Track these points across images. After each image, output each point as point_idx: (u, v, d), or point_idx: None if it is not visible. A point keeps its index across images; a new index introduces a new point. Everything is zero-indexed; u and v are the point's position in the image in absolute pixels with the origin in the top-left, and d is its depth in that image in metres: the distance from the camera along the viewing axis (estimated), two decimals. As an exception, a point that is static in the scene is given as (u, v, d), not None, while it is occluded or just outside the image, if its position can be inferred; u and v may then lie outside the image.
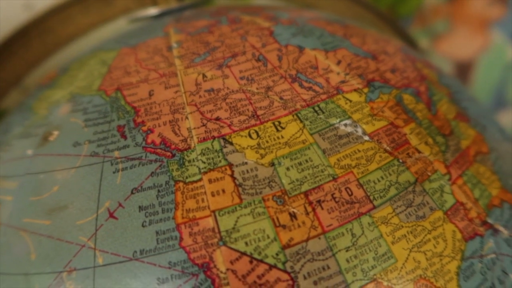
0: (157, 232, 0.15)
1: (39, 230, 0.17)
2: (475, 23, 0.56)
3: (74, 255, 0.16)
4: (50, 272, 0.16)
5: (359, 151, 0.17)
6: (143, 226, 0.16)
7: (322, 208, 0.16)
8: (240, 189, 0.16)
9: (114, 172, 0.17)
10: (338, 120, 0.18)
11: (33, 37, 0.26)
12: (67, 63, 0.25)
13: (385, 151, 0.18)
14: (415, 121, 0.19)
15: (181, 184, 0.16)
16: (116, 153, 0.17)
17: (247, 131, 0.17)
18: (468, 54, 0.55)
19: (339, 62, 0.20)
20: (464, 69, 0.55)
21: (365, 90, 0.19)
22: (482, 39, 0.55)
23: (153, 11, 0.28)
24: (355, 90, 0.19)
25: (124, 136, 0.18)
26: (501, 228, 0.18)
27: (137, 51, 0.22)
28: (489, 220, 0.18)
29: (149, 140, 0.17)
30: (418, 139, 0.19)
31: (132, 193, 0.16)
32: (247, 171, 0.16)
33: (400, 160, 0.18)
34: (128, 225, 0.16)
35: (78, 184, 0.17)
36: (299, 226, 0.15)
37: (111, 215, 0.16)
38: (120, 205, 0.16)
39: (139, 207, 0.16)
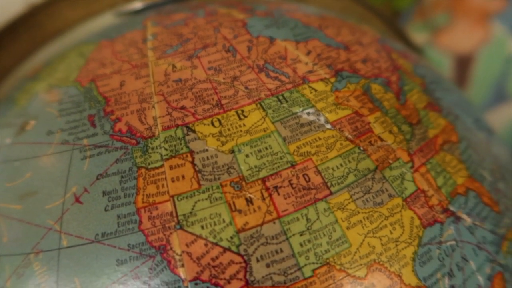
0: (118, 216, 0.16)
1: (11, 214, 0.17)
2: (476, 15, 0.55)
3: (41, 238, 0.16)
4: (19, 253, 0.17)
5: (319, 139, 0.18)
6: (105, 210, 0.16)
7: (279, 194, 0.16)
8: (199, 175, 0.16)
9: (82, 159, 0.18)
10: (301, 109, 0.18)
11: (22, 32, 0.27)
12: (52, 56, 0.26)
13: (347, 139, 0.18)
14: (380, 110, 0.19)
15: (143, 170, 0.17)
16: (85, 141, 0.18)
17: (210, 119, 0.18)
18: (468, 47, 0.54)
19: (309, 53, 0.21)
20: (464, 63, 0.54)
21: (332, 79, 0.20)
22: (483, 32, 0.54)
23: (138, 5, 0.29)
24: (321, 79, 0.19)
25: (93, 125, 0.18)
26: (464, 216, 0.18)
27: (114, 43, 0.22)
28: (451, 208, 0.18)
29: (116, 129, 0.18)
30: (382, 128, 0.19)
31: (97, 179, 0.17)
32: (207, 157, 0.17)
33: (361, 148, 0.18)
34: (92, 209, 0.16)
35: (49, 170, 0.18)
36: (254, 211, 0.16)
37: (77, 200, 0.17)
38: (85, 190, 0.17)
39: (103, 192, 0.17)
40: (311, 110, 0.18)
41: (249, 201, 0.16)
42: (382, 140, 0.18)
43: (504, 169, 0.22)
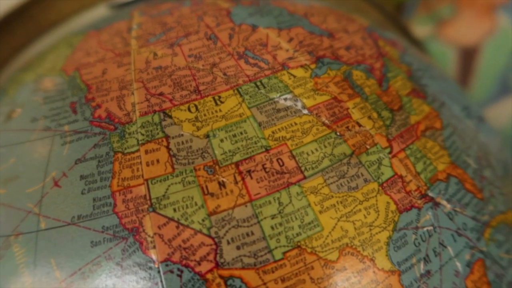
0: (94, 199, 0.16)
1: (-5, 199, 0.18)
2: (481, 7, 0.54)
3: (21, 221, 0.17)
4: (0, 236, 0.17)
5: (295, 124, 0.18)
6: (82, 193, 0.16)
7: (252, 178, 0.16)
8: (173, 159, 0.17)
9: (62, 145, 0.18)
10: (278, 95, 0.18)
11: (17, 25, 0.28)
12: (45, 48, 0.26)
13: (323, 124, 0.18)
14: (360, 96, 0.19)
15: (119, 155, 0.17)
16: (66, 127, 0.18)
17: (187, 105, 0.18)
18: (473, 39, 0.53)
19: (290, 40, 0.21)
20: (469, 55, 0.54)
21: (312, 66, 0.20)
22: (488, 24, 0.53)
23: (130, -3, 0.29)
24: (301, 66, 0.19)
25: (75, 112, 0.19)
26: (443, 202, 0.18)
27: (101, 33, 0.23)
28: (430, 194, 0.18)
29: (96, 115, 0.18)
30: (361, 114, 0.19)
31: (75, 163, 0.17)
32: (182, 142, 0.17)
33: (338, 133, 0.18)
34: (69, 193, 0.17)
35: (31, 156, 0.18)
36: (227, 194, 0.16)
37: (56, 184, 0.17)
38: (64, 174, 0.17)
39: (81, 176, 0.17)
40: (288, 96, 0.18)
41: (222, 184, 0.16)
42: (360, 125, 0.18)
43: (492, 157, 0.22)
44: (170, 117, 0.17)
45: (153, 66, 0.19)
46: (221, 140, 0.17)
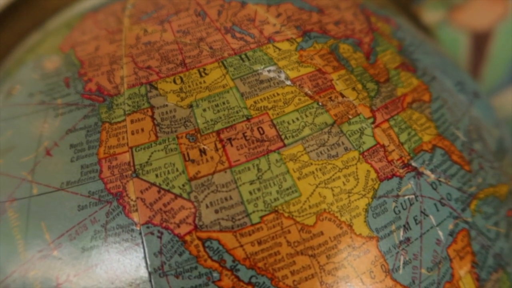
0: (82, 166, 0.17)
1: (-7, 168, 0.19)
2: (494, -10, 0.53)
3: (16, 187, 0.18)
4: (-3, 202, 0.18)
5: (277, 94, 0.18)
6: (71, 161, 0.17)
7: (232, 145, 0.17)
8: (157, 128, 0.17)
9: (55, 117, 0.19)
10: (262, 67, 0.19)
11: (22, 11, 0.29)
12: (47, 31, 0.27)
13: (306, 94, 0.18)
14: (346, 68, 0.19)
15: (107, 125, 0.18)
16: (59, 101, 0.19)
17: (172, 77, 0.18)
18: (486, 24, 0.52)
19: (279, 15, 0.21)
20: (481, 40, 0.52)
21: (299, 39, 0.20)
22: (501, 8, 0.52)
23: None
24: (287, 39, 0.20)
25: (68, 86, 0.19)
26: (427, 172, 0.18)
27: (97, 14, 0.23)
28: (413, 163, 0.18)
29: (87, 88, 0.19)
30: (345, 85, 0.19)
31: (66, 133, 0.18)
32: (166, 112, 0.17)
33: (320, 103, 0.18)
34: (60, 161, 0.17)
35: (26, 128, 0.19)
36: (207, 161, 0.16)
37: (48, 153, 0.18)
38: (55, 144, 0.18)
39: (70, 145, 0.18)
40: (272, 68, 0.19)
41: (203, 151, 0.17)
42: (343, 96, 0.18)
43: (485, 132, 0.22)
44: (156, 88, 0.18)
45: (143, 42, 0.20)
46: (204, 110, 0.17)
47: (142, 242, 0.15)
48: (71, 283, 0.16)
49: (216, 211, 0.16)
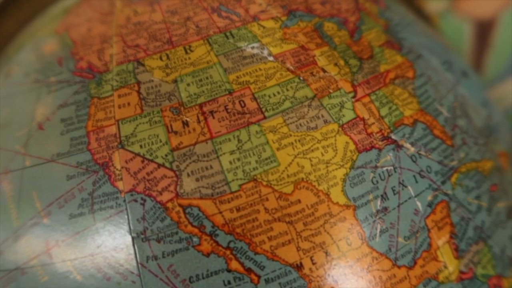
0: (71, 139, 0.18)
1: (-10, 143, 0.20)
2: (498, -22, 0.52)
3: (10, 160, 0.19)
4: (-7, 174, 0.19)
5: (260, 69, 0.18)
6: (61, 134, 0.18)
7: (214, 118, 0.17)
8: (143, 102, 0.18)
9: (48, 93, 0.19)
10: (246, 44, 0.19)
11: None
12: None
13: (288, 69, 0.18)
14: (329, 45, 0.20)
15: (95, 100, 0.18)
16: (53, 79, 0.20)
17: (159, 54, 0.19)
18: (489, 12, 0.52)
19: (265, -5, 0.21)
20: (484, 28, 0.52)
21: (284, 18, 0.20)
22: (505, -5, 0.51)
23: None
24: (272, 18, 0.20)
25: (61, 65, 0.20)
26: (407, 145, 0.18)
27: (92, -2, 0.24)
28: (393, 136, 0.18)
29: (78, 66, 0.20)
30: (328, 61, 0.19)
31: (58, 109, 0.19)
32: (152, 87, 0.18)
33: (301, 78, 0.18)
34: (51, 134, 0.18)
35: (21, 105, 0.20)
36: (189, 132, 0.17)
37: (40, 127, 0.19)
38: (47, 119, 0.19)
39: (61, 119, 0.18)
40: (256, 45, 0.19)
41: (185, 123, 0.17)
42: (325, 71, 0.19)
43: (471, 109, 0.22)
44: (143, 65, 0.19)
45: (133, 22, 0.21)
46: (188, 84, 0.18)
47: (126, 209, 0.16)
48: (59, 247, 0.17)
49: (197, 180, 0.16)
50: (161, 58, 0.19)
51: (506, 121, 0.26)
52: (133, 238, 0.16)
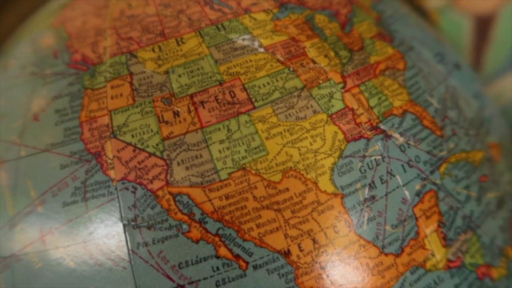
0: (65, 129, 0.18)
1: (-13, 135, 0.20)
2: (498, -28, 0.52)
3: (6, 150, 0.19)
4: (-10, 165, 0.19)
5: (250, 61, 0.19)
6: (56, 125, 0.18)
7: (204, 108, 0.17)
8: (135, 92, 0.18)
9: (43, 85, 0.20)
10: (237, 35, 0.19)
11: (23, -6, 0.30)
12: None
13: (278, 61, 0.19)
14: (319, 37, 0.20)
15: (89, 91, 0.19)
16: (48, 71, 0.20)
17: (151, 46, 0.19)
18: (489, 8, 0.52)
19: (258, -12, 0.22)
20: (484, 24, 0.52)
21: (275, 10, 0.20)
22: (505, -10, 0.51)
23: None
24: (264, 10, 0.20)
25: (56, 57, 0.21)
26: (395, 135, 0.18)
27: (88, -8, 0.25)
28: (382, 126, 0.18)
29: (73, 58, 0.20)
30: (318, 52, 0.19)
31: (52, 100, 0.19)
32: (144, 78, 0.18)
33: (291, 69, 0.18)
34: (45, 125, 0.19)
35: (17, 97, 0.20)
36: (180, 122, 0.17)
37: (35, 118, 0.19)
38: (42, 110, 0.19)
39: (55, 110, 0.19)
40: (246, 36, 0.19)
41: (176, 113, 0.17)
42: (315, 62, 0.19)
43: (462, 100, 0.22)
44: (136, 57, 0.19)
45: (127, 15, 0.21)
46: (179, 76, 0.18)
47: (118, 197, 0.16)
48: (53, 235, 0.17)
49: (187, 168, 0.17)
50: (153, 50, 0.19)
51: (500, 113, 0.26)
52: (124, 226, 0.16)
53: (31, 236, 0.17)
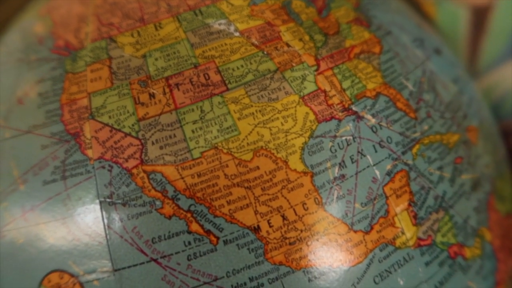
0: (46, 111, 0.19)
1: (-24, 119, 0.21)
2: (495, -38, 0.52)
3: (-8, 133, 0.20)
4: (-23, 147, 0.20)
5: (225, 44, 0.19)
6: (38, 107, 0.19)
7: (179, 90, 0.18)
8: (113, 76, 0.19)
9: (28, 71, 0.20)
10: (213, 20, 0.20)
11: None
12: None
13: (252, 44, 0.19)
14: (295, 21, 0.20)
15: (70, 75, 0.19)
16: (33, 57, 0.21)
17: (131, 31, 0.20)
18: (486, -3, 0.51)
19: (237, -25, 0.22)
20: (481, 14, 0.52)
21: (253, -4, 0.21)
22: (501, -21, 0.51)
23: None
24: (241, -4, 0.21)
25: (41, 44, 0.21)
26: (368, 116, 0.19)
27: (75, -18, 0.25)
28: (354, 108, 0.19)
29: (56, 44, 0.21)
30: (293, 36, 0.20)
31: (36, 84, 0.20)
32: (122, 62, 0.19)
33: (265, 52, 0.19)
34: (29, 107, 0.19)
35: (4, 82, 0.21)
36: (155, 103, 0.18)
37: (19, 102, 0.20)
38: (26, 94, 0.20)
39: (38, 93, 0.19)
40: (223, 21, 0.20)
41: (152, 95, 0.18)
42: (289, 46, 0.19)
43: (439, 84, 0.22)
44: (115, 42, 0.20)
45: (109, 2, 0.21)
46: (156, 59, 0.19)
47: (95, 175, 0.17)
48: (33, 212, 0.18)
49: (161, 147, 0.17)
50: (132, 35, 0.20)
51: (482, 98, 0.26)
52: (100, 202, 0.17)
53: (14, 213, 0.18)
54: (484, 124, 0.24)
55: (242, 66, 0.19)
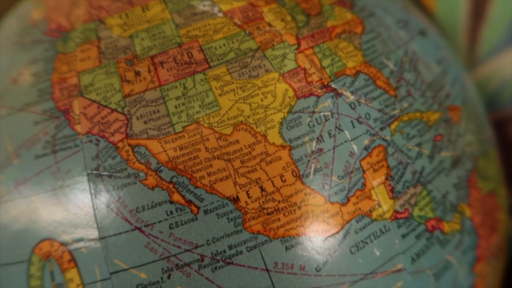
0: (38, 90, 0.20)
1: (-26, 99, 0.22)
2: (495, -51, 0.52)
3: (-12, 112, 0.21)
4: (-25, 125, 0.21)
5: (209, 24, 0.20)
6: (31, 86, 0.20)
7: (163, 68, 0.19)
8: (101, 55, 0.19)
9: (22, 52, 0.21)
10: (198, 2, 0.20)
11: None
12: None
13: (235, 24, 0.20)
14: (278, 2, 0.21)
15: (61, 55, 0.20)
16: (27, 40, 0.22)
17: (119, 13, 0.21)
18: (485, -16, 0.51)
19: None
20: (480, 2, 0.52)
21: (237, -21, 0.21)
22: (501, -34, 0.51)
23: None
24: (226, -21, 0.21)
25: (35, 27, 0.22)
26: (346, 93, 0.19)
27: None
28: (333, 85, 0.19)
29: (49, 27, 0.22)
30: (275, 16, 0.20)
31: (29, 65, 0.21)
32: (110, 42, 0.20)
33: (247, 32, 0.20)
34: (22, 87, 0.20)
35: (1, 64, 0.22)
36: (140, 81, 0.19)
37: (14, 81, 0.21)
38: (20, 74, 0.21)
39: (32, 73, 0.20)
40: (207, 3, 0.20)
41: (137, 73, 0.19)
42: (271, 26, 0.20)
43: (422, 65, 0.22)
44: (104, 23, 0.20)
45: (99, -13, 0.22)
46: (142, 39, 0.20)
47: (83, 149, 0.18)
48: (26, 184, 0.19)
49: (145, 122, 0.18)
50: (120, 17, 0.20)
51: (467, 79, 0.27)
52: (88, 174, 0.18)
53: (8, 186, 0.19)
54: (469, 104, 0.24)
55: (224, 45, 0.19)
